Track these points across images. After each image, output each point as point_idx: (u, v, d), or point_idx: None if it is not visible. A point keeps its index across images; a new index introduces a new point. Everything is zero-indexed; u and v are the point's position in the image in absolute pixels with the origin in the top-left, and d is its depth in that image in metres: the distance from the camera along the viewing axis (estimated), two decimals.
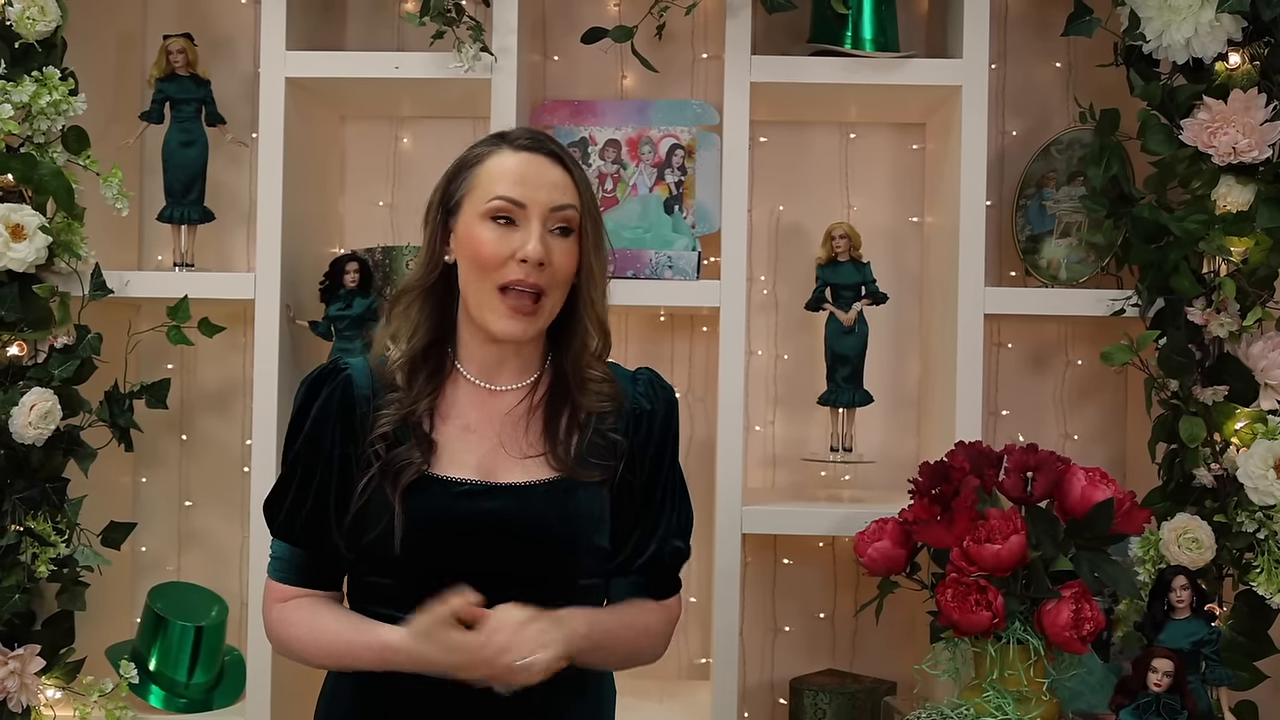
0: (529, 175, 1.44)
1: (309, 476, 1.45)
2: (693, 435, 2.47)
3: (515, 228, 1.43)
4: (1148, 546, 2.02)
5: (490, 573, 1.38)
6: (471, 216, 1.44)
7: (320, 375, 1.48)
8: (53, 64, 2.11)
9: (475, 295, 1.44)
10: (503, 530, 1.42)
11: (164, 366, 2.46)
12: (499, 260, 1.42)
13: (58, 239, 2.12)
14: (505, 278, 1.42)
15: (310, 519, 1.45)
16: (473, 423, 1.47)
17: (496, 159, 1.46)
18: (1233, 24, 2.02)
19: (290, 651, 1.47)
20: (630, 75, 2.47)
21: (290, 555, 1.47)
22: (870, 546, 1.93)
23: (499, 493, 1.43)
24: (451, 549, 1.41)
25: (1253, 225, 2.01)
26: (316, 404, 1.45)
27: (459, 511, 1.42)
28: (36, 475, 2.10)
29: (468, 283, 1.46)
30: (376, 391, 1.46)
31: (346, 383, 1.46)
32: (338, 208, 2.52)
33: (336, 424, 1.44)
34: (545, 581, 1.42)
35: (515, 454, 1.46)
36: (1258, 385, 2.04)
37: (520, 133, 1.49)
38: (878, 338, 2.34)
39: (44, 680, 2.10)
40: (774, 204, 2.48)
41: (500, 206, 1.43)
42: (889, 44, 2.22)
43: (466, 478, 1.43)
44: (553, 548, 1.44)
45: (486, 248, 1.42)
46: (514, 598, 1.35)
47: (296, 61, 2.20)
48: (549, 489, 1.44)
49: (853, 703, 2.22)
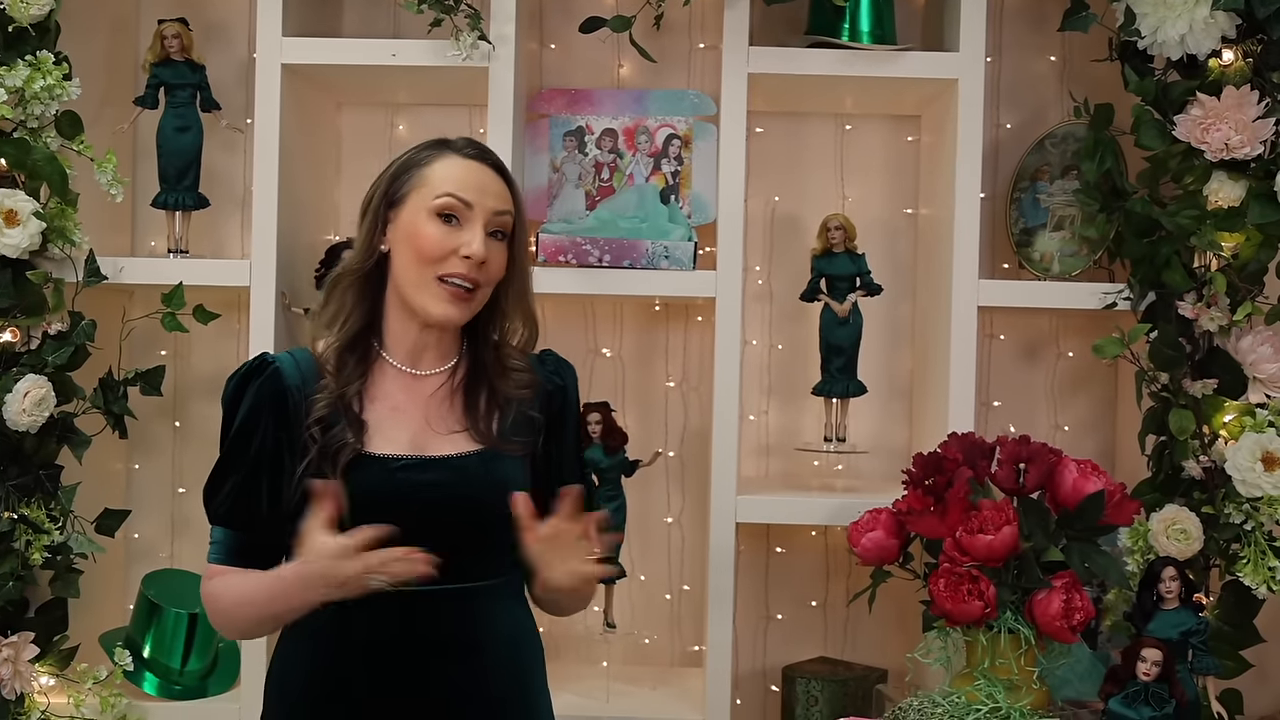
0: (475, 181, 1.56)
1: (241, 465, 1.53)
2: (687, 424, 2.49)
3: (458, 227, 1.54)
4: (1137, 537, 2.05)
5: (429, 541, 1.45)
6: (417, 210, 1.55)
7: (248, 371, 1.57)
8: (46, 48, 2.10)
9: (414, 282, 1.54)
10: (441, 499, 1.52)
11: (158, 353, 2.45)
12: (442, 253, 1.53)
13: (51, 225, 2.11)
14: (445, 270, 1.53)
15: (245, 505, 1.53)
16: (400, 404, 1.57)
17: (445, 162, 1.57)
18: (1227, 21, 2.03)
19: (223, 617, 1.54)
20: (627, 64, 2.47)
21: (227, 539, 1.55)
22: (864, 536, 1.95)
23: (433, 465, 1.53)
24: (394, 521, 1.45)
25: (1244, 221, 2.03)
26: (246, 397, 1.54)
27: (398, 484, 1.51)
28: (30, 462, 2.10)
29: (405, 270, 1.55)
30: (305, 380, 1.55)
31: (275, 375, 1.55)
32: (333, 195, 2.51)
33: (268, 414, 1.53)
34: (478, 547, 1.55)
35: (442, 430, 1.56)
36: (1246, 379, 2.06)
37: (464, 142, 1.60)
38: (872, 329, 2.36)
39: (38, 668, 2.10)
40: (770, 195, 2.49)
41: (449, 204, 1.54)
42: (886, 37, 2.23)
43: (401, 453, 1.53)
44: (486, 513, 1.54)
45: (431, 240, 1.53)
46: (450, 564, 1.46)
47: (293, 48, 2.20)
48: (479, 459, 1.56)
49: (845, 690, 2.24)
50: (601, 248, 2.23)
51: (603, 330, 2.49)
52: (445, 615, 1.52)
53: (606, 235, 2.24)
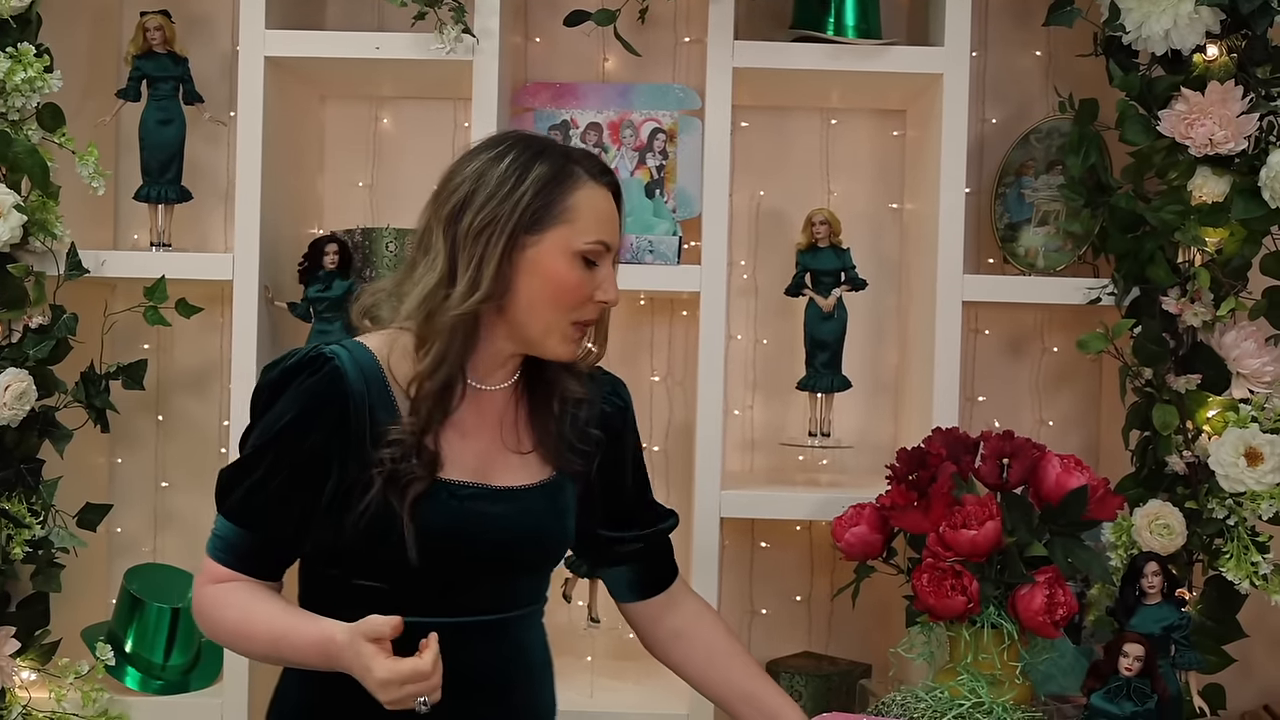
0: (613, 218, 1.45)
1: (281, 467, 1.39)
2: (672, 419, 2.48)
3: (595, 268, 1.43)
4: (1120, 532, 2.05)
5: (491, 573, 1.44)
6: (561, 250, 1.40)
7: (301, 363, 1.41)
8: (27, 40, 2.08)
9: (544, 325, 1.42)
10: (510, 534, 1.45)
11: (140, 347, 2.44)
12: (583, 299, 1.43)
13: (33, 218, 2.09)
14: (582, 315, 1.43)
15: (273, 509, 1.40)
16: (468, 424, 1.46)
17: (590, 194, 1.42)
18: (1211, 16, 2.03)
19: (218, 632, 1.43)
20: (612, 58, 2.46)
21: (235, 538, 1.42)
22: (848, 531, 1.95)
23: (502, 496, 1.45)
24: (461, 552, 1.43)
25: (1228, 216, 2.03)
26: (298, 393, 1.39)
27: (467, 516, 1.42)
28: (11, 456, 2.09)
29: (533, 309, 1.41)
30: (369, 387, 1.40)
31: (336, 376, 1.39)
32: (317, 188, 2.50)
33: (324, 419, 1.38)
34: (534, 575, 1.51)
35: (512, 446, 1.48)
36: (1230, 374, 2.06)
37: (596, 161, 1.46)
38: (856, 323, 2.36)
39: (19, 662, 2.09)
40: (755, 189, 2.49)
41: (598, 251, 1.42)
42: (871, 31, 2.23)
43: (468, 480, 1.44)
44: (551, 546, 1.51)
45: (576, 287, 1.41)
46: (505, 590, 1.45)
47: (276, 40, 2.18)
48: (543, 490, 1.49)
49: (828, 685, 2.25)
50: None
51: None
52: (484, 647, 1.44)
53: None
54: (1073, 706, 1.94)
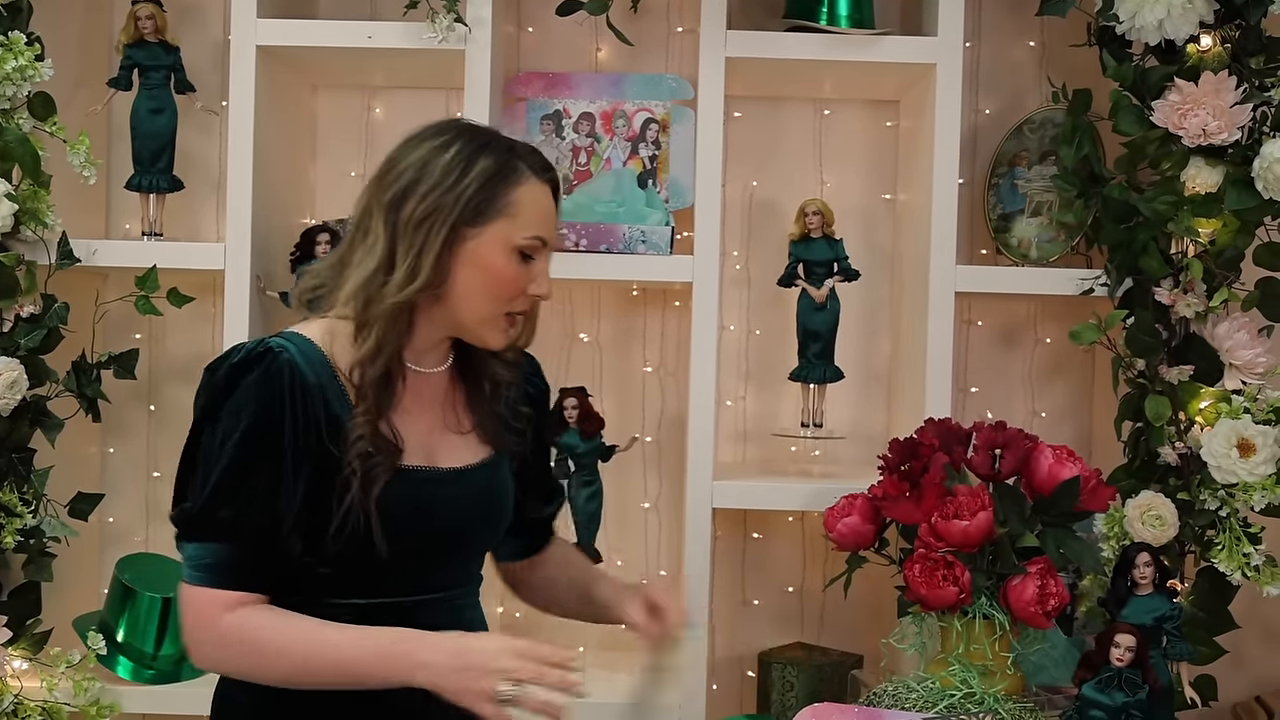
0: (552, 214, 1.47)
1: (260, 471, 1.35)
2: (664, 410, 2.48)
3: (531, 262, 1.44)
4: (1112, 523, 2.05)
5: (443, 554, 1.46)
6: (501, 244, 1.41)
7: (248, 358, 1.37)
8: (18, 28, 2.07)
9: (480, 317, 1.44)
10: (463, 514, 1.48)
11: (132, 336, 2.43)
12: (519, 292, 1.44)
13: (24, 206, 2.09)
14: (515, 307, 1.45)
15: (264, 518, 1.35)
16: (409, 405, 1.45)
17: (531, 189, 1.43)
18: (1205, 6, 2.03)
19: (248, 659, 1.35)
20: (605, 48, 2.45)
21: (229, 558, 1.35)
22: (840, 522, 1.95)
23: (450, 478, 1.47)
24: (420, 534, 1.44)
25: (1221, 207, 2.03)
26: (253, 390, 1.36)
27: (423, 499, 1.43)
28: (2, 446, 2.08)
29: (469, 299, 1.42)
30: (320, 378, 1.39)
31: (290, 369, 1.37)
32: (309, 178, 2.49)
33: (290, 413, 1.36)
34: (480, 553, 1.56)
35: (453, 427, 1.50)
36: (1222, 365, 2.06)
37: (539, 157, 1.46)
38: (849, 314, 2.35)
39: (10, 651, 2.09)
40: (748, 179, 2.48)
41: (536, 246, 1.44)
42: (864, 21, 2.22)
43: (419, 464, 1.44)
44: (498, 523, 1.55)
45: (511, 280, 1.43)
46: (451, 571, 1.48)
47: (267, 29, 2.18)
48: (486, 468, 1.51)
49: (820, 675, 2.25)
50: (578, 232, 2.23)
51: (580, 315, 2.48)
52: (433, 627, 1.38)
53: (583, 220, 2.23)
54: (1064, 697, 1.94)
